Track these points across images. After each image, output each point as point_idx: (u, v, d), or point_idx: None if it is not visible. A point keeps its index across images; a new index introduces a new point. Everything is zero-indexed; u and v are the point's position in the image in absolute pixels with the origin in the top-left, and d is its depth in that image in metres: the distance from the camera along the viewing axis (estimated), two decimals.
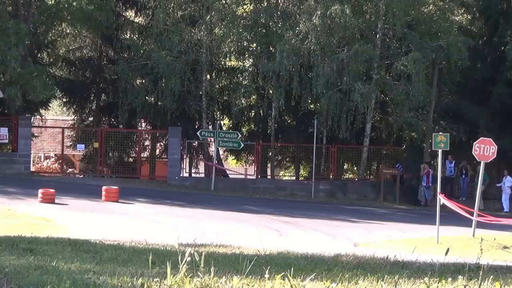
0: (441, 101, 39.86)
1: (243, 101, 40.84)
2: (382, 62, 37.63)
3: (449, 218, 24.53)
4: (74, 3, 39.16)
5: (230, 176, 41.82)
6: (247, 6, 40.91)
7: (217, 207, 28.26)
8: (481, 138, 23.38)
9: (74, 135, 42.54)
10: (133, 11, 43.52)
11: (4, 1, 38.00)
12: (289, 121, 43.00)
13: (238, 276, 7.62)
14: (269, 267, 8.08)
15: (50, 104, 45.18)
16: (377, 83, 37.17)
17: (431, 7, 38.81)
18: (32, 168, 42.16)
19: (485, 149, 22.55)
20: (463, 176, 36.98)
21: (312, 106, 40.46)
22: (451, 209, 22.86)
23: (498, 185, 36.18)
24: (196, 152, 42.67)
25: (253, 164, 41.60)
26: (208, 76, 40.45)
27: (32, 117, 40.71)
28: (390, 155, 40.68)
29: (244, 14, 39.94)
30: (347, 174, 44.91)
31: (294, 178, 43.43)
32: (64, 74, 43.61)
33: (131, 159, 42.01)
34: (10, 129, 36.83)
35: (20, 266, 9.12)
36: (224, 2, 39.29)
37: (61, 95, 42.69)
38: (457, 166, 36.93)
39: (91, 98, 43.26)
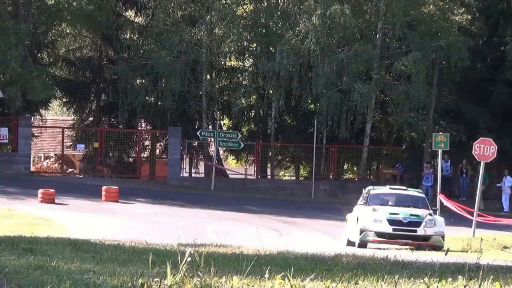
0: (441, 101, 39.83)
1: (243, 101, 40.81)
2: (382, 62, 37.62)
3: (449, 218, 24.51)
4: (74, 3, 39.16)
5: (230, 176, 41.79)
6: (247, 6, 40.89)
7: (217, 207, 28.27)
8: (481, 138, 23.41)
9: (74, 135, 42.50)
10: (133, 11, 43.48)
11: (4, 1, 38.00)
12: (289, 121, 42.97)
13: (238, 276, 7.62)
14: (269, 267, 8.08)
15: (50, 104, 45.14)
16: (377, 83, 37.16)
17: (431, 7, 38.79)
18: (32, 168, 42.11)
19: (485, 149, 22.57)
20: (463, 176, 36.96)
21: (312, 106, 40.44)
22: (451, 209, 22.87)
23: (498, 185, 36.16)
24: (196, 152, 42.63)
25: (253, 164, 41.58)
26: (208, 76, 40.43)
27: (32, 117, 40.68)
28: (390, 155, 40.65)
29: (244, 14, 39.93)
30: (347, 174, 44.86)
31: (294, 178, 43.39)
32: (64, 74, 43.57)
33: (131, 159, 42.00)
34: (10, 129, 36.82)
35: (20, 266, 9.12)
36: (224, 2, 39.29)
37: (61, 95, 42.65)
38: (454, 165, 36.88)
39: (91, 98, 43.23)
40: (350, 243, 20.44)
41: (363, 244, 19.42)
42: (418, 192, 23.62)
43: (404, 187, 24.53)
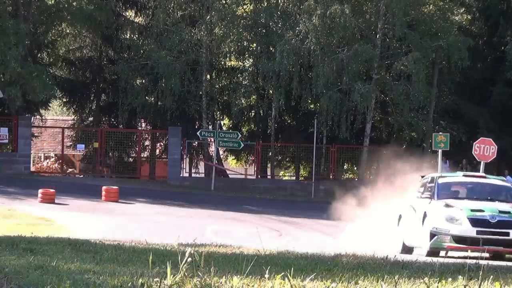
0: (441, 101, 39.88)
1: (243, 101, 40.83)
2: (382, 62, 37.66)
3: None
4: (74, 3, 39.17)
5: (230, 176, 41.80)
6: (247, 6, 40.92)
7: (217, 207, 28.27)
8: (481, 138, 23.46)
9: (74, 135, 42.50)
10: (133, 11, 43.49)
11: (4, 1, 38.02)
12: (289, 121, 42.98)
13: (238, 276, 7.63)
14: (269, 267, 8.08)
15: (50, 104, 45.15)
16: (377, 83, 37.20)
17: (431, 7, 38.84)
18: (32, 168, 42.13)
19: (485, 149, 22.59)
20: None
21: (312, 106, 40.45)
22: None
23: None
24: (196, 152, 42.66)
25: (253, 164, 41.59)
26: (208, 76, 40.45)
27: (32, 117, 40.67)
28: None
29: (244, 14, 39.97)
30: (347, 174, 44.88)
31: (294, 178, 43.40)
32: (64, 74, 43.57)
33: (131, 159, 42.02)
34: (10, 129, 36.83)
35: (20, 266, 9.13)
36: (224, 2, 39.32)
37: (61, 95, 42.65)
38: (453, 165, 36.87)
39: (91, 98, 43.23)
40: (407, 249, 16.41)
41: (434, 252, 15.21)
42: (501, 181, 17.96)
43: (483, 174, 18.93)
